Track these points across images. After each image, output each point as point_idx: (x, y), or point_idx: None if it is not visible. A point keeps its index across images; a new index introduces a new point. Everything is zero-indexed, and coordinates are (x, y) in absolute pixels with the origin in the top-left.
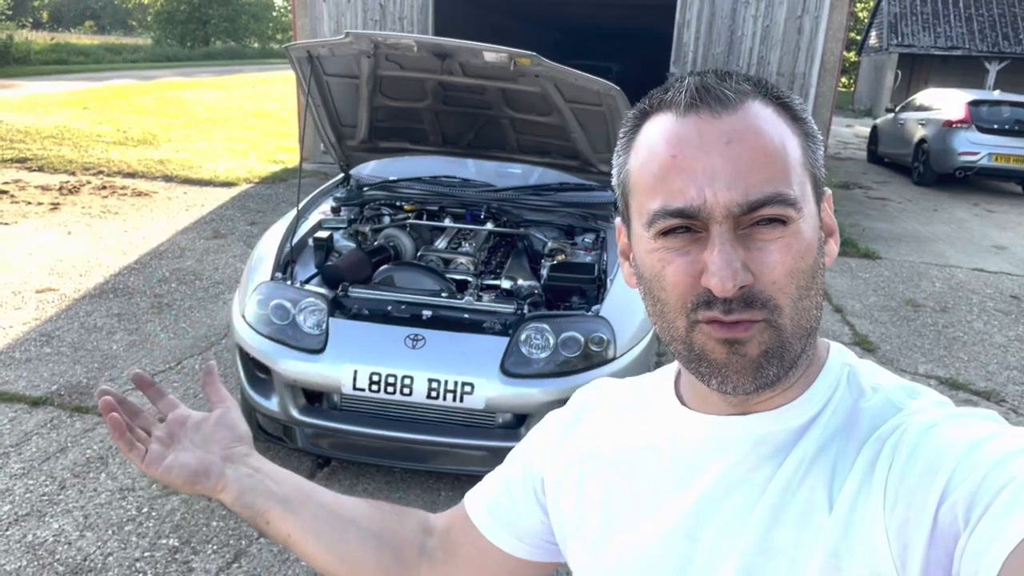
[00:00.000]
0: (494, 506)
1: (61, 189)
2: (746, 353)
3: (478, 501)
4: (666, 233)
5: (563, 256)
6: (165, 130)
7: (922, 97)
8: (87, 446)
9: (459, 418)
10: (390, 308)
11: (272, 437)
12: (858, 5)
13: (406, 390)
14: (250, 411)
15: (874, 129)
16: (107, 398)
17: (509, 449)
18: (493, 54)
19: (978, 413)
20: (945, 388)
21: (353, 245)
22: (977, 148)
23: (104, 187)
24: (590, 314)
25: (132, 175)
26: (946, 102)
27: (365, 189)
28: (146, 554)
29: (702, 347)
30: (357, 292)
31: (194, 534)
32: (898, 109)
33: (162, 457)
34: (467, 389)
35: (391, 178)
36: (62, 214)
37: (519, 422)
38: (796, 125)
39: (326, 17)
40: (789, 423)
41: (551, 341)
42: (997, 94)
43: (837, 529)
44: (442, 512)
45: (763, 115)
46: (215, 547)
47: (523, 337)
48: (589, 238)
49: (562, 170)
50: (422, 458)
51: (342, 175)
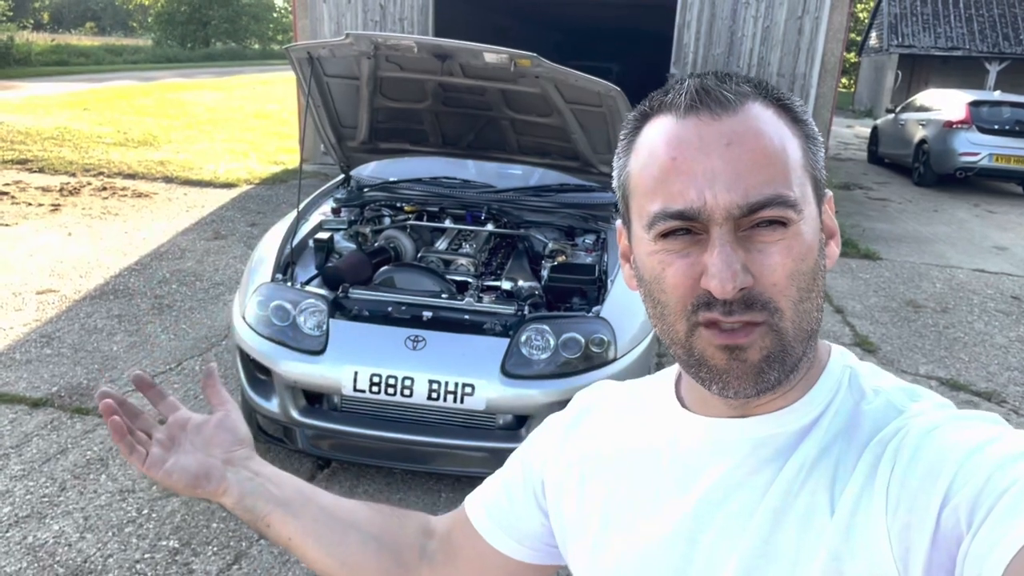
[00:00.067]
0: (494, 509)
1: (62, 190)
2: (747, 359)
3: (478, 504)
4: (666, 235)
5: (563, 257)
6: (165, 131)
7: (922, 98)
8: (87, 447)
9: (459, 419)
10: (390, 309)
11: (272, 438)
12: (858, 6)
13: (406, 391)
14: (250, 412)
15: (874, 130)
16: (107, 400)
17: (510, 450)
18: (493, 55)
19: (980, 415)
20: (946, 389)
21: (353, 246)
22: (977, 149)
23: (104, 188)
24: (591, 315)
25: (132, 176)
26: (946, 103)
27: (365, 190)
28: (146, 556)
29: (702, 352)
30: (357, 293)
31: (194, 536)
32: (898, 110)
33: (163, 460)
34: (467, 390)
35: (391, 179)
36: (62, 215)
37: (520, 423)
38: (796, 127)
39: (326, 18)
40: (790, 426)
41: (552, 342)
42: (997, 95)
43: (839, 532)
44: (443, 515)
45: (763, 117)
46: (215, 549)
47: (524, 338)
48: (589, 239)
49: (562, 171)
50: (422, 459)
51: (342, 176)
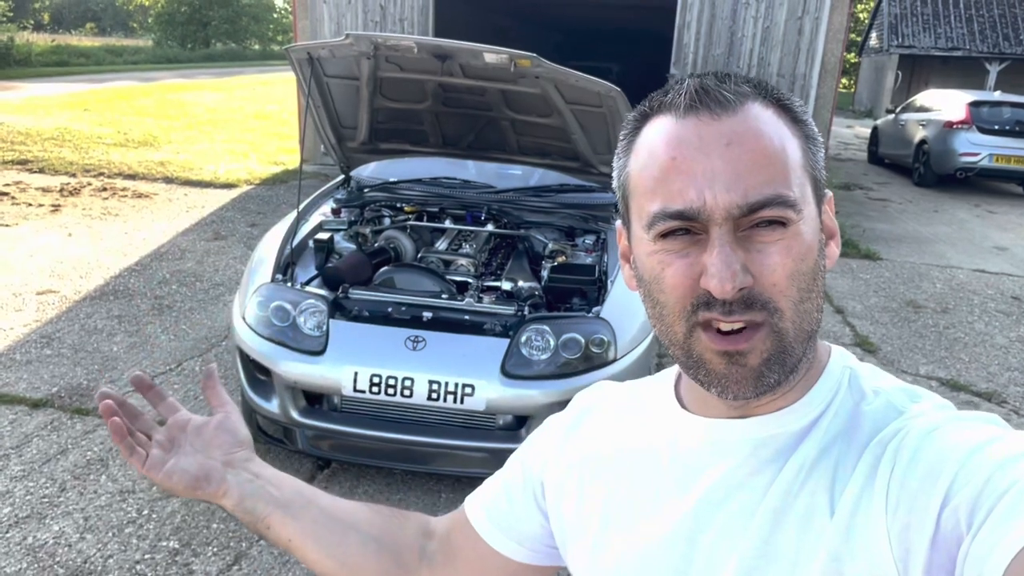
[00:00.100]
0: (494, 510)
1: (62, 191)
2: (747, 363)
3: (478, 505)
4: (666, 235)
5: (564, 257)
6: (166, 132)
7: (923, 98)
8: (87, 448)
9: (460, 420)
10: (390, 310)
11: (272, 439)
12: (859, 6)
13: (406, 392)
14: (250, 413)
15: (875, 130)
16: (107, 402)
17: (510, 451)
18: (493, 55)
19: (980, 416)
20: (946, 389)
21: (353, 247)
22: (978, 149)
23: (105, 189)
24: (591, 315)
25: (133, 177)
26: (947, 103)
27: (365, 191)
28: (146, 556)
29: (700, 355)
30: (357, 294)
31: (194, 536)
32: (899, 110)
33: (163, 462)
34: (467, 391)
35: (391, 179)
36: (63, 216)
37: (520, 424)
38: (796, 127)
39: (327, 19)
40: (789, 426)
41: (552, 343)
42: (998, 95)
43: (839, 533)
44: (442, 516)
45: (763, 117)
46: (215, 549)
47: (523, 339)
48: (590, 239)
49: (562, 171)
50: (422, 460)
51: (342, 177)
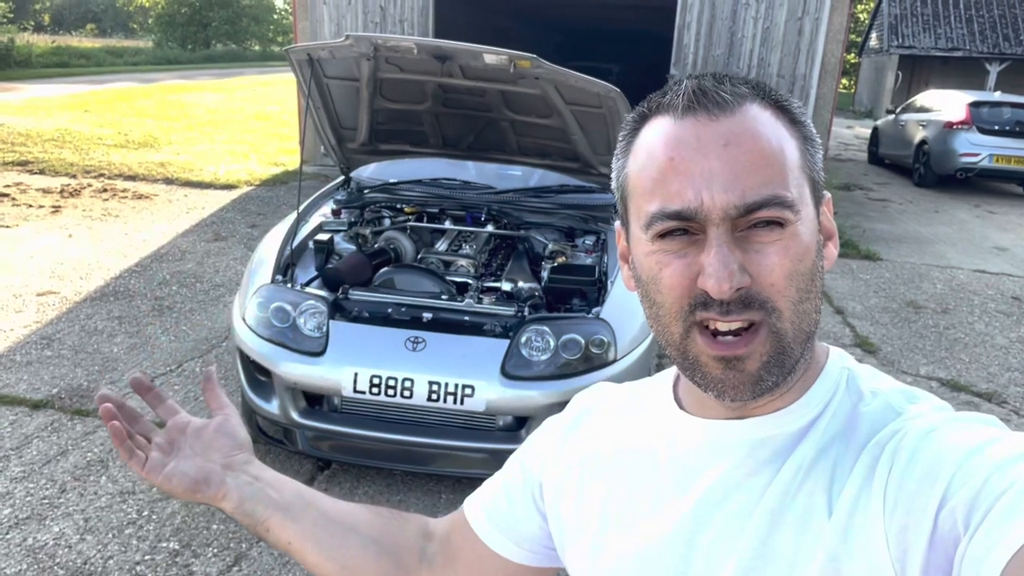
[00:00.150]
0: (493, 512)
1: (62, 192)
2: (744, 369)
3: (477, 507)
4: (664, 236)
5: (564, 258)
6: (166, 133)
7: (923, 98)
8: (88, 449)
9: (460, 421)
10: (390, 310)
11: (272, 440)
12: (859, 7)
13: (406, 393)
14: (250, 414)
15: (875, 130)
16: (107, 405)
17: (510, 452)
18: (493, 56)
19: (978, 418)
20: (946, 390)
21: (353, 247)
22: (978, 149)
23: (105, 190)
24: (591, 316)
25: (133, 178)
26: (947, 103)
27: (365, 191)
28: (146, 557)
29: (696, 358)
30: (357, 294)
31: (194, 537)
32: (899, 110)
33: (162, 465)
34: (467, 391)
35: (391, 180)
36: (63, 217)
37: (520, 424)
38: (795, 128)
39: (327, 19)
40: (787, 427)
41: (551, 343)
42: (998, 95)
43: (836, 534)
44: (442, 517)
45: (761, 118)
46: (215, 550)
47: (523, 339)
48: (589, 240)
49: (562, 172)
50: (423, 461)
51: (342, 178)
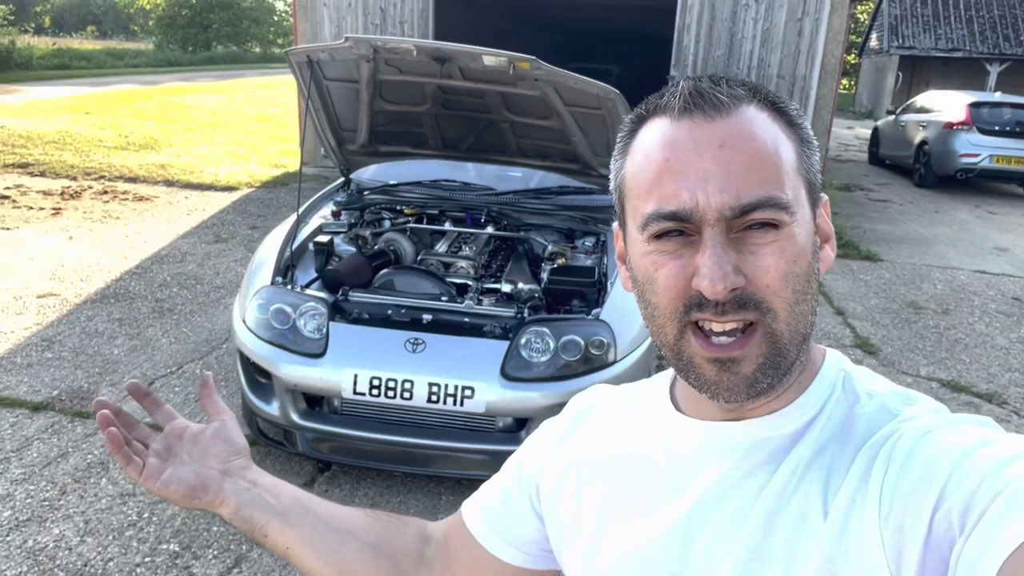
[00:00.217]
0: (490, 514)
1: (63, 194)
2: (739, 371)
3: (475, 510)
4: (660, 237)
5: (563, 260)
6: (167, 135)
7: (923, 99)
8: (88, 451)
9: (459, 422)
10: (390, 312)
11: (273, 441)
12: (859, 7)
13: (406, 394)
14: (251, 415)
15: (875, 131)
16: (103, 411)
17: (510, 453)
18: (492, 58)
19: (973, 419)
20: (947, 390)
21: (353, 249)
22: (978, 150)
23: (105, 192)
24: (590, 318)
25: (134, 180)
26: (947, 104)
27: (365, 193)
28: (147, 559)
29: (690, 359)
30: (357, 296)
31: (195, 539)
32: (899, 111)
33: (160, 471)
34: (467, 393)
35: (391, 182)
36: (64, 219)
37: (519, 426)
38: (791, 130)
39: (327, 21)
40: (783, 428)
41: (551, 345)
42: (998, 96)
43: (832, 535)
44: (440, 520)
45: (757, 120)
46: (216, 552)
47: (523, 341)
48: (589, 241)
49: (562, 173)
50: (423, 462)
51: (342, 179)
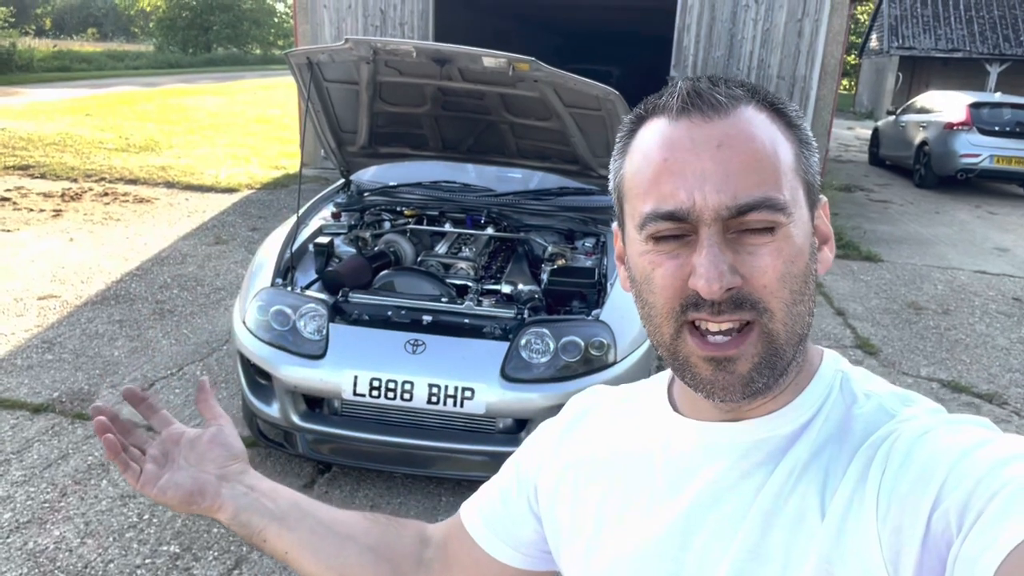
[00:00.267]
0: (489, 516)
1: (63, 196)
2: (735, 370)
3: (473, 511)
4: (657, 237)
5: (563, 260)
6: (167, 136)
7: (923, 99)
8: (88, 453)
9: (459, 423)
10: (390, 313)
11: (273, 443)
12: (858, 8)
13: (406, 395)
14: (251, 417)
15: (875, 132)
16: (100, 418)
17: (509, 454)
18: (492, 59)
19: (971, 420)
20: (947, 391)
21: (353, 250)
22: (978, 150)
23: (106, 194)
24: (590, 318)
25: (134, 182)
26: (947, 104)
27: (365, 194)
28: (147, 561)
29: (686, 358)
30: (357, 297)
31: (195, 540)
32: (899, 112)
33: (157, 477)
34: (467, 394)
35: (391, 183)
36: (64, 221)
37: (520, 427)
38: (790, 132)
39: (327, 23)
40: (781, 429)
41: (551, 346)
42: (998, 96)
43: (830, 536)
44: (439, 522)
45: (755, 120)
46: (216, 553)
47: (523, 342)
48: (589, 242)
49: (562, 174)
50: (423, 463)
51: (342, 181)
